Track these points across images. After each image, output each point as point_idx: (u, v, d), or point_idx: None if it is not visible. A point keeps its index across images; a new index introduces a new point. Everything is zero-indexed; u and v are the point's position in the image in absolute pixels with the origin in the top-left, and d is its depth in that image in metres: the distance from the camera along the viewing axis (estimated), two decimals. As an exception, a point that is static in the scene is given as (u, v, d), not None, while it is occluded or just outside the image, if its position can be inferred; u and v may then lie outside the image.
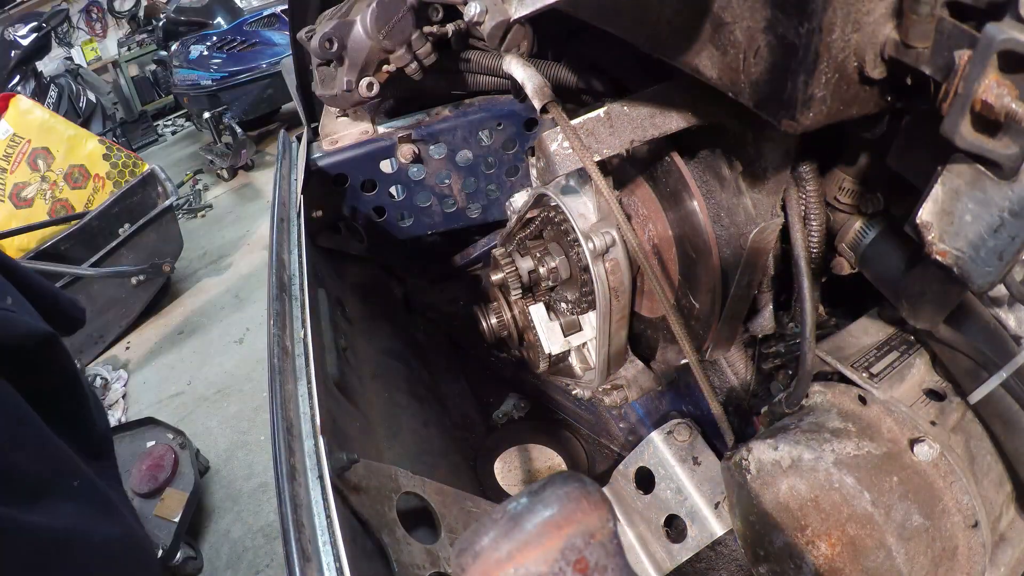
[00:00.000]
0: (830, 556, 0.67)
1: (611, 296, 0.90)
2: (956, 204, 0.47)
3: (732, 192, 0.77)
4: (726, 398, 0.97)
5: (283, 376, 0.84)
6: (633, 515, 1.07)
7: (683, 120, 0.75)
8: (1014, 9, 0.37)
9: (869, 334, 0.78)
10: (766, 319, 0.87)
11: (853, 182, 0.72)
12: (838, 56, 0.46)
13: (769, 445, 0.70)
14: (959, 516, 0.65)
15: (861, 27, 0.45)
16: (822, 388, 0.74)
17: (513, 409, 1.56)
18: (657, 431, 1.07)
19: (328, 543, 0.65)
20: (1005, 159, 0.41)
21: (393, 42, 1.00)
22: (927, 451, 0.65)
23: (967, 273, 0.48)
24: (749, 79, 0.52)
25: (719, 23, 0.53)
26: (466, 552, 0.42)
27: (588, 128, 0.75)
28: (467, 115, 1.35)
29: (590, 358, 1.06)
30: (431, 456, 1.21)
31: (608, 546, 0.42)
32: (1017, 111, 0.38)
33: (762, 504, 0.71)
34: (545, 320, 1.02)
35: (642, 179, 0.90)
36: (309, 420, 0.77)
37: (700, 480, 1.02)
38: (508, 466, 1.52)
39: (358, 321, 1.29)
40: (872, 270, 0.72)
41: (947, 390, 0.72)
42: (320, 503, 0.68)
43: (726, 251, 0.80)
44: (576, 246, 0.88)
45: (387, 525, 0.81)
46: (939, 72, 0.42)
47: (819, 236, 0.74)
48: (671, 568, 1.03)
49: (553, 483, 0.43)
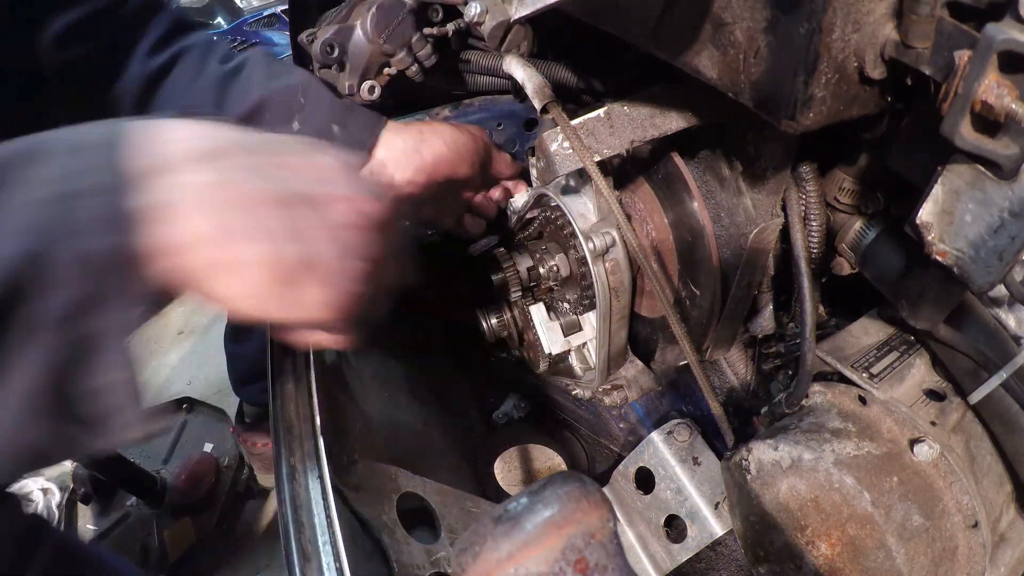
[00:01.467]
0: (830, 556, 0.67)
1: (611, 296, 0.90)
2: (956, 204, 0.47)
3: (732, 192, 0.77)
4: (726, 398, 0.97)
5: (283, 376, 0.84)
6: (633, 515, 1.07)
7: (683, 120, 0.75)
8: (1014, 9, 0.37)
9: (869, 334, 0.78)
10: (766, 319, 0.87)
11: (853, 182, 0.72)
12: (838, 56, 0.46)
13: (769, 445, 0.70)
14: (959, 516, 0.65)
15: (861, 27, 0.45)
16: (822, 388, 0.74)
17: (513, 409, 1.56)
18: (657, 431, 1.07)
19: (328, 543, 0.65)
20: (1005, 159, 0.41)
21: (393, 45, 1.00)
22: (927, 451, 0.65)
23: (967, 273, 0.48)
24: (749, 79, 0.52)
25: (719, 23, 0.53)
26: (466, 552, 0.42)
27: (588, 128, 0.75)
28: (467, 115, 1.35)
29: (590, 358, 1.06)
30: (431, 456, 1.21)
31: (608, 546, 0.42)
32: (1017, 111, 0.38)
33: (762, 504, 0.71)
34: (545, 320, 1.02)
35: (642, 179, 0.90)
36: (309, 420, 0.77)
37: (700, 480, 1.02)
38: (508, 466, 1.52)
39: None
40: (872, 270, 0.72)
41: (947, 390, 0.72)
42: (320, 503, 0.68)
43: (726, 251, 0.80)
44: (576, 245, 0.88)
45: (387, 525, 0.81)
46: (939, 72, 0.42)
47: (819, 236, 0.74)
48: (671, 568, 1.02)
49: (553, 483, 0.43)
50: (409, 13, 0.97)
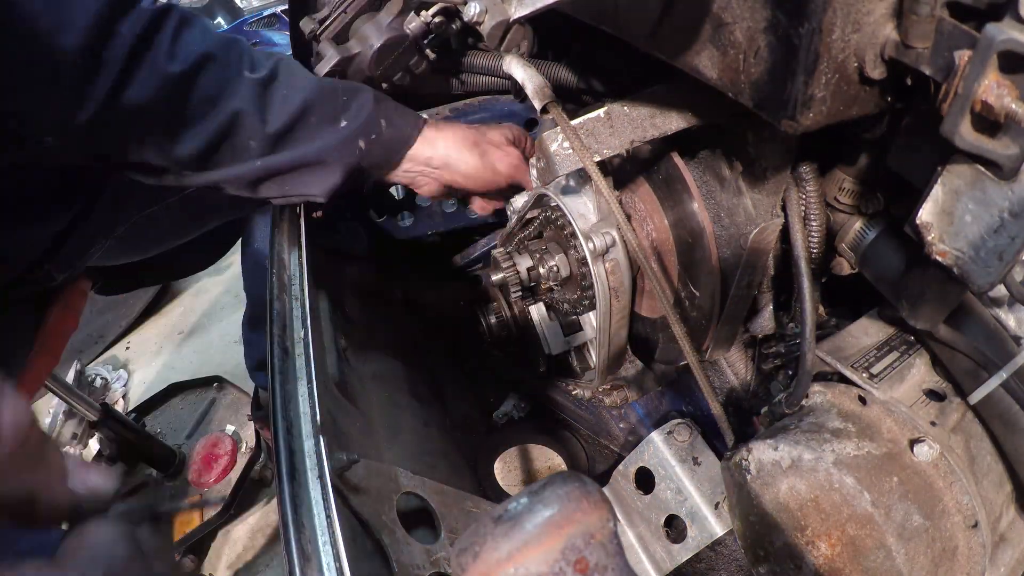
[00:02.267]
0: (830, 556, 0.67)
1: (611, 296, 0.90)
2: (956, 204, 0.47)
3: (732, 192, 0.77)
4: (726, 398, 0.97)
5: (283, 376, 0.84)
6: (633, 515, 1.08)
7: (683, 120, 0.75)
8: (1014, 9, 0.37)
9: (869, 334, 0.78)
10: (766, 319, 0.87)
11: (853, 182, 0.72)
12: (838, 56, 0.46)
13: (769, 445, 0.70)
14: (959, 516, 0.65)
15: (861, 27, 0.45)
16: (822, 388, 0.74)
17: (513, 409, 1.56)
18: (657, 431, 1.07)
19: (328, 543, 0.65)
20: (1005, 159, 0.41)
21: (393, 72, 1.04)
22: (927, 451, 0.65)
23: (967, 273, 0.48)
24: (749, 79, 0.52)
25: (719, 23, 0.53)
26: (466, 552, 0.42)
27: (588, 128, 0.75)
28: (467, 116, 1.35)
29: (590, 358, 1.06)
30: (431, 456, 1.21)
31: (608, 546, 0.42)
32: (1017, 111, 0.38)
33: (762, 504, 0.71)
34: (545, 320, 1.02)
35: (642, 179, 0.90)
36: (309, 420, 0.77)
37: (700, 480, 1.02)
38: (508, 466, 1.52)
39: (358, 321, 1.29)
40: (872, 270, 0.72)
41: (947, 390, 0.72)
42: (320, 503, 0.68)
43: (726, 251, 0.80)
44: (576, 246, 0.88)
45: (387, 525, 0.81)
46: (939, 72, 0.42)
47: (819, 236, 0.74)
48: (671, 568, 1.03)
49: (553, 483, 0.43)
50: (411, 44, 1.00)
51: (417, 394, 1.33)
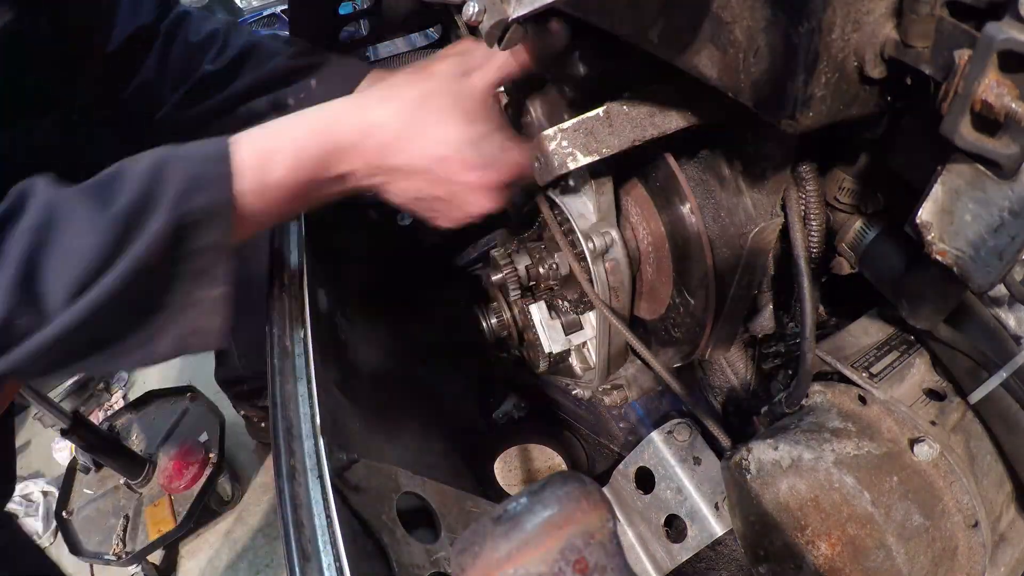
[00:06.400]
0: (830, 556, 0.67)
1: (611, 296, 0.89)
2: (956, 204, 0.47)
3: (732, 192, 0.77)
4: (726, 398, 0.97)
5: (283, 376, 0.84)
6: (633, 515, 1.07)
7: (683, 120, 0.75)
8: (1014, 9, 0.37)
9: (869, 334, 0.78)
10: (766, 319, 0.87)
11: (853, 182, 0.71)
12: (838, 56, 0.45)
13: (769, 445, 0.70)
14: (959, 516, 0.65)
15: (861, 27, 0.45)
16: (822, 388, 0.74)
17: (513, 409, 1.56)
18: (657, 431, 1.07)
19: (328, 543, 0.65)
20: (1005, 159, 0.41)
21: None
22: (927, 451, 0.65)
23: (967, 273, 0.48)
24: (749, 79, 0.52)
25: (719, 23, 0.52)
26: (466, 552, 0.42)
27: (588, 128, 0.75)
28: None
29: (590, 358, 1.06)
30: (431, 456, 1.21)
31: (608, 546, 0.42)
32: (1017, 111, 0.38)
33: (762, 504, 0.71)
34: (545, 319, 1.02)
35: (636, 180, 0.89)
36: (309, 420, 0.77)
37: (700, 480, 1.02)
38: (508, 466, 1.52)
39: (358, 321, 1.29)
40: (872, 270, 0.72)
41: (947, 390, 0.72)
42: (320, 503, 0.68)
43: (725, 251, 0.79)
44: (576, 244, 0.88)
45: (387, 525, 0.81)
46: (939, 72, 0.42)
47: (819, 236, 0.74)
48: (671, 568, 1.02)
49: (553, 483, 0.43)
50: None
51: (417, 394, 1.33)
